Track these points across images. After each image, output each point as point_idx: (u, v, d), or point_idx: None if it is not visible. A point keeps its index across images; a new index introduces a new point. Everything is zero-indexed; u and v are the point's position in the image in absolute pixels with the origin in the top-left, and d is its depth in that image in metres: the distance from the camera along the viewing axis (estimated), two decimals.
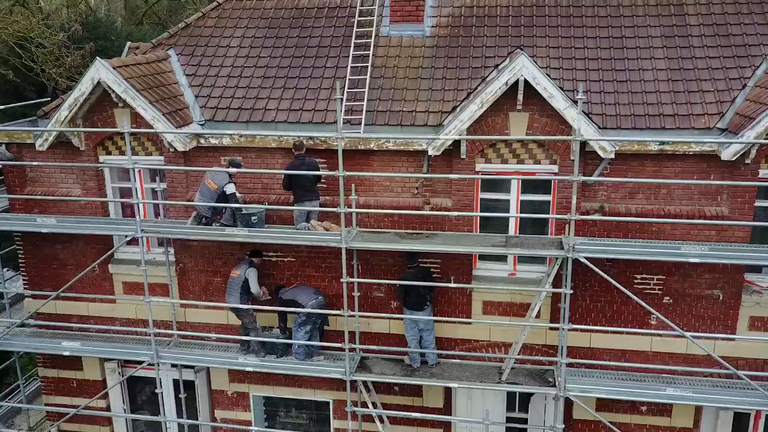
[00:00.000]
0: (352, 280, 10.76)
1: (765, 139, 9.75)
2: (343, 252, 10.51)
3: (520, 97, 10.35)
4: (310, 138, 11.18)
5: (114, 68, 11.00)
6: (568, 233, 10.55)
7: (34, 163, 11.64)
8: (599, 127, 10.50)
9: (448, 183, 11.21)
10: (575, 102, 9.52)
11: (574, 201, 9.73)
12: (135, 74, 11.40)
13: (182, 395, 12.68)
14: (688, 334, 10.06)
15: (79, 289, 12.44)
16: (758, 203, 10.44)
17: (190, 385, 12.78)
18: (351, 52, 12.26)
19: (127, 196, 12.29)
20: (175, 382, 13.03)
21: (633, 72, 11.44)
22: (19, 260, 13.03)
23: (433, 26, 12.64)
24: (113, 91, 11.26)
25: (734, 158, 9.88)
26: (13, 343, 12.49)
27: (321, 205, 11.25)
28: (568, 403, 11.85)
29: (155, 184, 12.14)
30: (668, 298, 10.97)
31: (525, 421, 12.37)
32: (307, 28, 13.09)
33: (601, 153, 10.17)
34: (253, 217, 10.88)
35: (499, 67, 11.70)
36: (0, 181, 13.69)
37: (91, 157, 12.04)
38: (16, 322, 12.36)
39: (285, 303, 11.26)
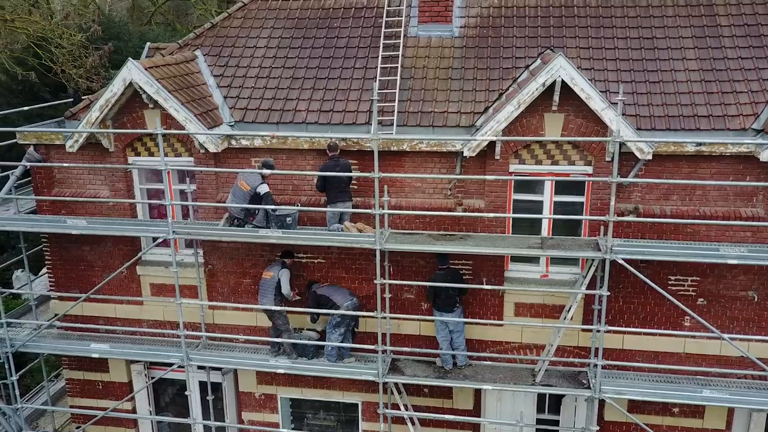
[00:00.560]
0: (386, 281, 10.71)
1: None
2: (378, 253, 10.48)
3: (557, 97, 10.32)
4: (343, 139, 11.14)
5: (146, 69, 10.94)
6: (603, 234, 10.56)
7: (67, 164, 11.58)
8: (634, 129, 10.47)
9: (481, 184, 11.18)
10: (613, 103, 9.49)
11: (612, 202, 9.70)
12: (166, 75, 11.36)
13: (210, 397, 12.64)
14: (725, 335, 10.02)
15: (106, 291, 12.40)
16: None
17: (215, 387, 12.73)
18: (380, 53, 12.22)
19: (155, 198, 12.28)
20: (201, 384, 13.00)
21: (665, 73, 11.41)
22: (46, 262, 12.97)
23: (461, 27, 12.60)
24: (144, 92, 11.22)
25: None
26: (41, 345, 12.44)
27: (353, 207, 11.21)
28: (600, 405, 11.84)
29: (184, 186, 12.07)
30: (702, 299, 10.93)
31: (555, 423, 12.34)
32: (335, 28, 13.04)
33: (638, 154, 10.14)
34: (288, 219, 10.83)
35: (530, 67, 11.73)
36: (26, 183, 13.62)
37: (120, 158, 11.99)
38: (45, 324, 12.31)
39: (319, 297, 11.23)
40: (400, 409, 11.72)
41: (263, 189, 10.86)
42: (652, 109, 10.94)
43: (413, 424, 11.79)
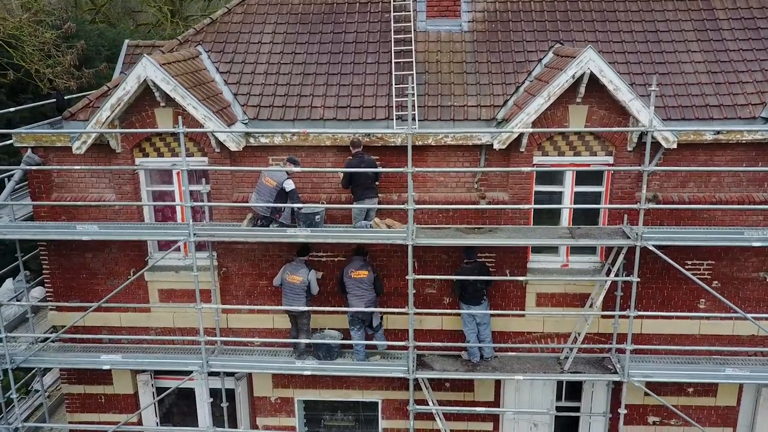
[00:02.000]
0: (416, 277, 10.65)
1: None
2: (410, 249, 10.41)
3: (582, 89, 10.51)
4: (366, 135, 11.00)
5: (161, 66, 10.49)
6: (627, 222, 10.85)
7: (81, 167, 11.05)
8: None
9: (504, 177, 11.27)
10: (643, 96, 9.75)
11: (644, 190, 9.97)
12: (179, 72, 10.94)
13: (224, 404, 12.25)
14: (749, 315, 10.45)
15: (111, 299, 11.81)
16: None
17: (225, 393, 12.33)
18: (392, 48, 12.14)
19: (164, 200, 11.82)
20: (212, 392, 12.58)
21: (672, 65, 11.79)
22: (44, 271, 12.26)
23: (469, 21, 12.67)
24: (158, 90, 10.77)
25: None
26: (45, 360, 11.77)
27: (378, 203, 11.09)
28: (617, 389, 12.16)
29: (196, 187, 11.65)
30: (717, 282, 11.36)
31: (571, 409, 12.56)
32: (341, 23, 12.87)
33: (663, 143, 10.44)
34: (316, 217, 10.61)
35: (543, 61, 11.90)
36: (19, 189, 12.84)
37: (128, 159, 11.47)
38: (51, 337, 11.65)
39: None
40: (425, 405, 11.66)
41: (290, 185, 10.61)
42: (665, 100, 11.28)
43: (440, 419, 11.75)
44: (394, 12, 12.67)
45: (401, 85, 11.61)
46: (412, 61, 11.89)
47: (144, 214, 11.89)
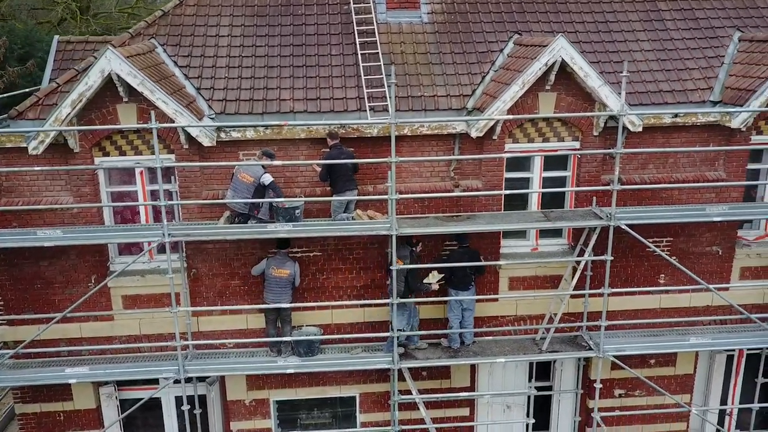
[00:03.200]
0: (401, 266, 10.64)
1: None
2: (393, 239, 10.40)
3: (552, 77, 10.85)
4: (341, 126, 10.89)
5: (126, 58, 9.96)
6: (594, 204, 11.32)
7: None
8: None
9: (477, 165, 11.47)
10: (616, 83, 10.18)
11: (616, 172, 10.41)
12: (144, 65, 10.43)
13: (197, 411, 11.82)
14: (712, 286, 11.15)
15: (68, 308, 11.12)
16: (750, 166, 11.81)
17: (195, 400, 11.93)
18: (356, 39, 12.07)
19: (126, 201, 11.25)
20: (179, 400, 12.11)
21: (624, 53, 12.38)
22: None
23: (429, 13, 12.79)
24: (123, 84, 10.23)
25: (742, 126, 11.08)
26: (2, 378, 10.89)
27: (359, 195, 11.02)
28: (586, 366, 12.67)
29: (167, 186, 11.15)
30: (675, 257, 12.03)
31: (545, 390, 12.94)
32: (299, 15, 12.68)
33: (630, 127, 10.95)
34: (296, 211, 10.40)
35: (504, 51, 12.19)
36: None
37: (87, 159, 10.82)
38: (8, 353, 10.80)
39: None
40: (406, 395, 11.67)
41: (268, 178, 10.35)
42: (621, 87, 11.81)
43: (420, 408, 11.81)
44: (354, 4, 12.62)
45: (370, 77, 11.58)
46: (378, 53, 11.88)
47: (104, 217, 11.25)
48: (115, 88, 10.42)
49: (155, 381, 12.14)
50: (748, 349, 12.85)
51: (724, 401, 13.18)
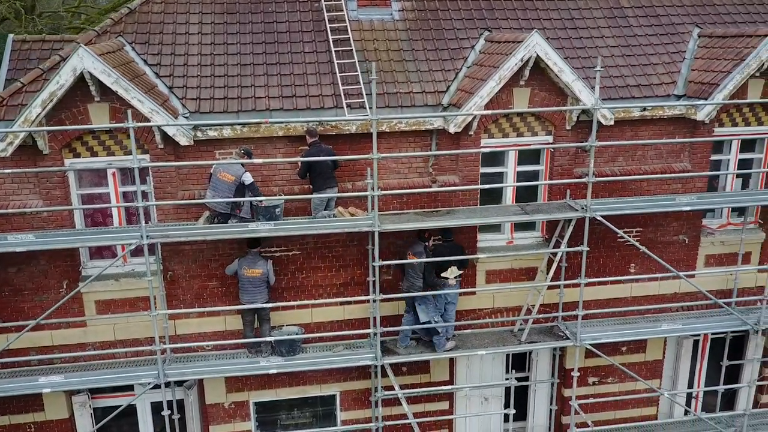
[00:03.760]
0: (383, 263, 10.68)
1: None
2: (376, 235, 10.43)
3: (527, 72, 11.04)
4: (319, 123, 10.85)
5: (99, 56, 9.70)
6: (568, 197, 11.59)
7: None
8: None
9: (454, 161, 11.58)
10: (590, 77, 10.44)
11: (591, 165, 10.68)
12: (115, 63, 10.16)
13: (176, 416, 11.59)
14: (682, 274, 11.54)
15: (40, 316, 10.76)
16: (713, 157, 12.28)
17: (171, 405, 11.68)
18: (329, 37, 12.04)
19: (96, 203, 10.96)
20: (156, 406, 11.91)
21: (591, 50, 12.69)
22: None
23: (399, 10, 12.85)
24: (95, 83, 9.96)
25: (707, 118, 11.50)
26: None
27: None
28: (561, 355, 12.95)
29: (132, 187, 10.92)
30: (645, 247, 12.38)
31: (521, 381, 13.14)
32: (270, 13, 12.57)
33: (602, 120, 11.24)
34: (277, 209, 10.32)
35: (476, 47, 12.35)
36: None
37: (57, 160, 10.49)
38: None
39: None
40: (387, 391, 11.71)
41: (249, 178, 10.25)
42: (591, 82, 12.06)
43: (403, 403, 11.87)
44: (324, 1, 12.58)
45: (345, 74, 11.56)
46: (351, 50, 11.88)
47: (75, 221, 10.93)
48: (86, 88, 10.14)
49: (130, 387, 11.93)
50: (712, 334, 13.36)
51: (690, 385, 13.66)
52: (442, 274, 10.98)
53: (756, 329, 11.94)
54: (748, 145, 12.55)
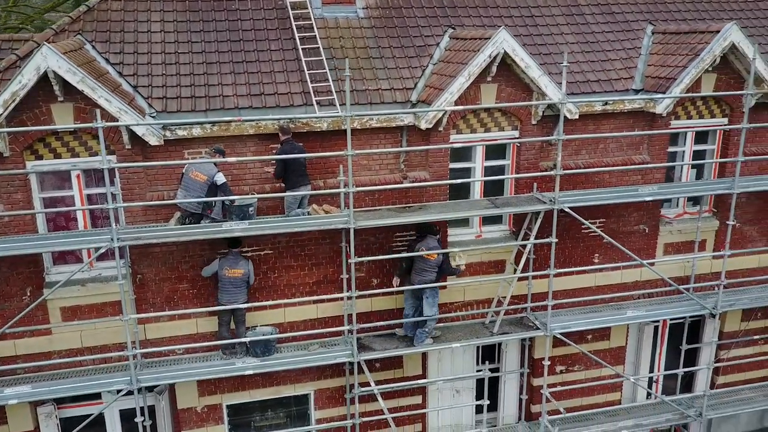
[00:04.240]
0: (359, 259, 10.70)
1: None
2: (351, 232, 10.45)
3: (494, 68, 11.24)
4: (290, 121, 10.79)
5: (64, 55, 9.41)
6: (535, 190, 11.86)
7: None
8: None
9: (424, 157, 11.69)
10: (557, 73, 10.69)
11: (559, 158, 10.96)
12: (79, 62, 9.87)
13: (147, 422, 11.32)
14: (645, 262, 11.95)
15: (2, 325, 10.38)
16: (669, 149, 12.76)
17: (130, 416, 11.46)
18: (295, 35, 11.98)
19: (59, 206, 10.63)
20: (123, 414, 11.68)
21: (551, 46, 13.02)
22: None
23: (364, 8, 12.88)
24: (59, 83, 9.65)
25: (665, 111, 11.94)
26: None
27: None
28: (530, 345, 13.23)
29: (96, 190, 10.67)
30: (608, 237, 12.78)
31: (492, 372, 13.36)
32: (233, 11, 12.41)
33: (568, 115, 11.53)
34: (250, 209, 10.22)
35: (440, 45, 12.50)
36: None
37: (18, 163, 10.12)
38: None
39: None
40: (363, 388, 11.73)
41: (221, 178, 10.12)
42: (554, 77, 12.40)
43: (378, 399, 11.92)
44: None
45: (313, 71, 11.53)
46: (318, 47, 11.85)
47: (38, 225, 10.56)
48: (49, 87, 9.82)
49: (97, 396, 11.60)
50: (671, 320, 13.88)
51: (652, 370, 14.15)
52: (452, 263, 11.32)
53: (714, 313, 12.45)
54: (701, 136, 13.09)
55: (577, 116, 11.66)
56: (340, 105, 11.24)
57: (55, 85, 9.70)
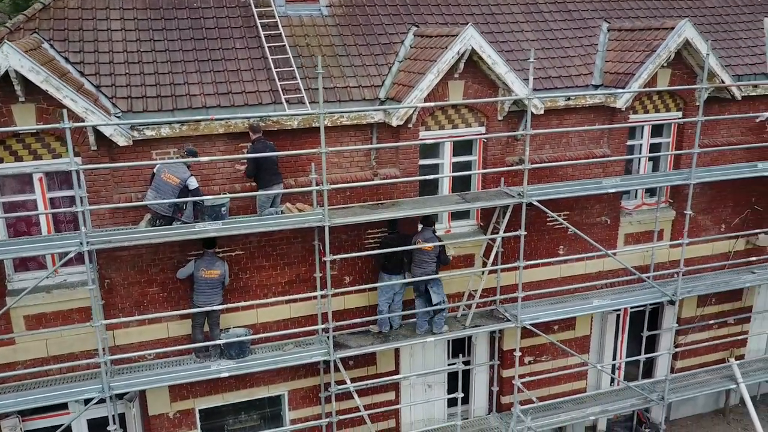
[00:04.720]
0: (333, 257, 10.69)
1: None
2: (326, 230, 10.42)
3: (462, 65, 11.39)
4: (261, 119, 10.69)
5: (26, 53, 9.09)
6: (503, 184, 12.08)
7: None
8: None
9: (394, 154, 11.76)
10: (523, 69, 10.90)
11: (527, 153, 11.19)
12: (42, 61, 9.55)
13: (118, 430, 11.04)
14: (610, 251, 12.31)
15: None
16: (628, 142, 13.17)
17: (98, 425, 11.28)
18: (260, 33, 11.87)
19: (20, 211, 10.28)
20: (91, 424, 11.37)
21: (512, 43, 13.27)
22: None
23: (327, 6, 12.85)
24: (21, 82, 9.32)
25: (624, 106, 12.32)
26: None
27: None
28: (500, 337, 13.46)
29: (59, 193, 10.36)
30: (572, 228, 13.10)
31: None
32: (195, 9, 12.19)
33: (534, 110, 11.76)
34: (222, 209, 10.08)
35: (405, 42, 12.59)
36: None
37: None
38: None
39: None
40: (339, 386, 11.72)
41: (194, 183, 9.97)
42: (517, 74, 12.64)
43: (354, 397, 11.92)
44: None
45: (280, 69, 11.45)
46: (285, 45, 11.77)
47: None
48: (9, 87, 9.47)
49: (64, 406, 11.25)
50: (631, 308, 14.33)
51: (615, 357, 14.58)
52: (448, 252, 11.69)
53: (674, 300, 12.92)
54: (657, 130, 13.56)
55: (542, 111, 11.92)
56: (309, 103, 11.19)
57: (17, 85, 9.37)
